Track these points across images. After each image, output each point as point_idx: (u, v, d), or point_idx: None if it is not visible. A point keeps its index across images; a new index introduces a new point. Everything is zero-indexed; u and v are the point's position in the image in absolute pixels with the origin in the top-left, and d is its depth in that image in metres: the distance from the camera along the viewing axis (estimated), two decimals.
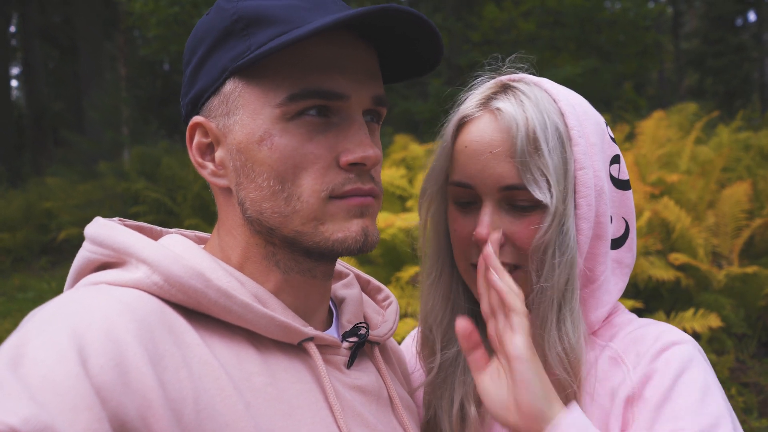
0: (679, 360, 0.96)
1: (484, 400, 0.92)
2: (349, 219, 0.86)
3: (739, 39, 17.47)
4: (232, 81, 0.85)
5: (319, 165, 0.84)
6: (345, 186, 0.85)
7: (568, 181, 1.00)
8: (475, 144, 1.03)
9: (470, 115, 1.07)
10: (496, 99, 1.05)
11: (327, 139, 0.85)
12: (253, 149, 0.84)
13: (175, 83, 14.87)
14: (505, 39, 10.30)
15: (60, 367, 0.65)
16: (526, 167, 0.98)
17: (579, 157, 1.01)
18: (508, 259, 1.03)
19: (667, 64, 19.68)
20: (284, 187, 0.84)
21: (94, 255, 0.85)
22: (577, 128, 1.02)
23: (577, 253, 1.00)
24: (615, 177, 1.08)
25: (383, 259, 4.80)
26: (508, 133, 1.00)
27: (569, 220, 0.99)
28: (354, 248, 0.86)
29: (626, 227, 1.10)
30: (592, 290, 1.06)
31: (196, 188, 8.62)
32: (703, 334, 3.88)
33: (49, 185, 11.16)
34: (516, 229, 1.01)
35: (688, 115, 7.69)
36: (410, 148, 6.70)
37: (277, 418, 0.80)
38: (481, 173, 1.02)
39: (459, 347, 1.12)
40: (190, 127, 0.90)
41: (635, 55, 10.59)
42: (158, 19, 9.10)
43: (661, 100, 14.49)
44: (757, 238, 4.89)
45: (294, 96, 0.82)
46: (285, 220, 0.85)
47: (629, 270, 1.12)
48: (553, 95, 1.05)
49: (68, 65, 20.97)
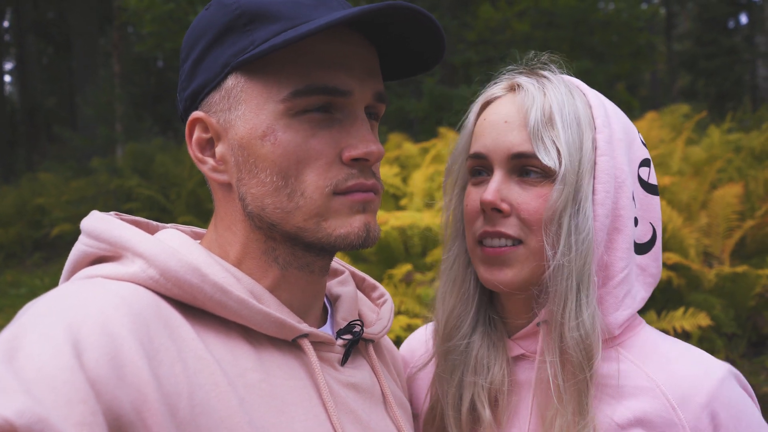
0: (734, 402, 0.97)
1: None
2: (351, 215, 0.86)
3: (731, 41, 17.56)
4: (234, 76, 0.85)
5: (322, 161, 0.84)
6: (348, 181, 0.85)
7: (583, 160, 1.00)
8: (493, 116, 1.07)
9: (494, 95, 1.10)
10: (519, 79, 1.08)
11: (330, 135, 0.85)
12: (255, 144, 0.84)
13: (170, 80, 14.82)
14: (500, 39, 10.31)
15: (55, 360, 0.65)
16: (537, 136, 1.00)
17: (601, 144, 1.02)
18: (512, 232, 1.02)
19: (659, 66, 19.76)
20: (287, 183, 0.84)
21: (90, 249, 0.85)
22: (602, 118, 1.04)
23: (593, 237, 0.99)
24: (644, 180, 1.08)
25: (377, 256, 4.81)
26: (524, 106, 1.03)
27: (586, 200, 0.99)
28: (356, 243, 0.87)
29: (653, 234, 1.09)
30: (610, 288, 1.03)
31: (191, 185, 8.60)
32: (693, 333, 3.91)
33: (42, 181, 11.13)
34: (523, 199, 1.01)
35: (680, 117, 7.73)
36: (404, 146, 6.71)
37: (271, 414, 0.81)
38: (495, 141, 1.04)
39: (471, 338, 1.11)
40: (189, 122, 0.90)
41: (628, 56, 10.63)
42: (153, 15, 9.05)
43: (653, 101, 14.55)
44: (749, 239, 4.93)
45: (298, 92, 0.83)
46: (287, 216, 0.85)
47: (653, 281, 1.09)
48: (584, 90, 1.07)
49: (62, 61, 20.87)
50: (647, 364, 1.01)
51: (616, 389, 1.00)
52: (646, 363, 1.02)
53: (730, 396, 0.97)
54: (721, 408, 0.95)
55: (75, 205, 9.63)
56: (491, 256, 1.04)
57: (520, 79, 1.07)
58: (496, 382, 1.08)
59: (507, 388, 1.08)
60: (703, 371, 0.99)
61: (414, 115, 9.43)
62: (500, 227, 1.02)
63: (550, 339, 1.01)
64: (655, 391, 0.98)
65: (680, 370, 0.99)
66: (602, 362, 1.00)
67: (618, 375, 1.00)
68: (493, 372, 1.08)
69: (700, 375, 0.98)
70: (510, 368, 1.09)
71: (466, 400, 1.09)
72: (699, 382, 0.97)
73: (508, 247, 1.02)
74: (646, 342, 1.05)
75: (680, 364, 1.00)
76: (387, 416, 0.98)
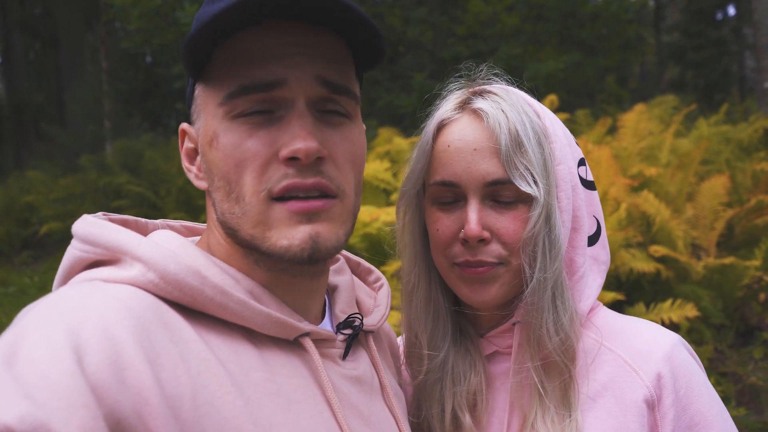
0: (685, 363, 1.05)
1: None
2: (292, 225, 0.82)
3: (719, 33, 17.62)
4: (198, 86, 0.89)
5: (258, 162, 0.81)
6: (281, 182, 0.81)
7: (550, 176, 1.04)
8: (458, 142, 1.06)
9: (449, 117, 1.10)
10: (474, 102, 1.09)
11: (269, 134, 0.82)
12: (207, 151, 0.86)
13: (158, 76, 14.72)
14: (489, 33, 10.31)
15: (55, 364, 0.64)
16: (511, 163, 1.02)
17: (557, 154, 1.06)
18: (493, 258, 1.04)
19: (648, 58, 19.84)
20: (231, 187, 0.83)
21: (85, 254, 0.84)
22: (551, 127, 1.08)
23: (563, 245, 1.05)
24: (583, 178, 1.13)
25: (368, 253, 4.81)
26: (492, 132, 1.03)
27: (555, 213, 1.04)
28: (301, 257, 0.82)
29: (598, 225, 1.15)
30: (574, 282, 1.09)
31: (181, 182, 8.56)
32: (682, 324, 3.95)
33: (30, 179, 11.03)
34: (502, 224, 1.04)
35: (668, 108, 7.77)
36: (395, 141, 6.69)
37: (276, 413, 0.81)
38: (467, 170, 1.04)
39: (446, 352, 1.14)
40: (179, 133, 0.94)
41: (617, 49, 10.65)
42: (140, 11, 8.98)
43: (642, 93, 14.61)
44: (736, 230, 4.98)
45: (232, 94, 0.82)
46: (240, 222, 0.84)
47: (605, 267, 1.16)
48: (527, 100, 1.11)
49: (49, 57, 20.65)
50: (607, 339, 1.08)
51: (583, 367, 1.06)
52: (606, 338, 1.09)
53: (681, 357, 1.05)
54: (675, 367, 1.03)
55: (64, 202, 9.56)
56: (472, 277, 1.06)
57: (478, 102, 1.07)
58: (474, 386, 1.12)
59: (484, 388, 1.12)
60: (655, 338, 1.07)
61: (404, 110, 9.43)
62: (482, 256, 1.04)
63: (529, 346, 1.05)
64: (617, 360, 1.05)
65: (636, 339, 1.08)
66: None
67: (585, 355, 1.07)
68: (470, 379, 1.12)
69: (653, 341, 1.06)
70: (485, 367, 1.14)
71: (448, 411, 1.12)
72: (653, 347, 1.05)
73: (489, 267, 1.05)
74: (605, 321, 1.12)
75: (635, 334, 1.09)
76: (385, 407, 0.99)
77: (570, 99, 8.68)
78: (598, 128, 6.89)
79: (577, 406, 1.02)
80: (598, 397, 1.03)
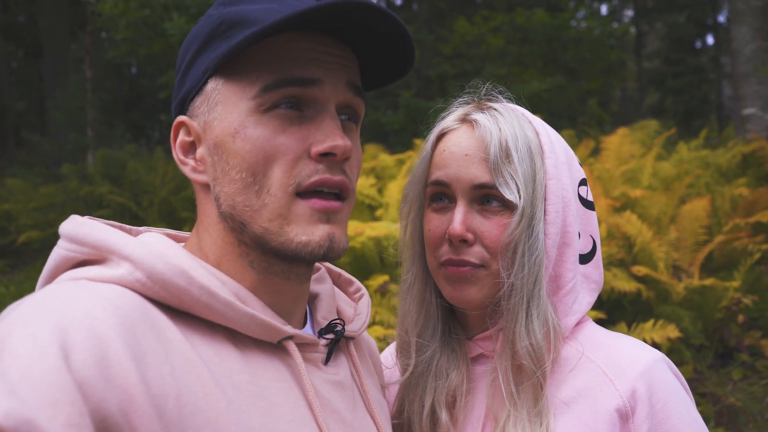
0: (664, 380, 1.07)
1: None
2: (313, 223, 0.86)
3: (698, 61, 18.05)
4: (214, 80, 0.88)
5: (289, 157, 0.85)
6: (312, 177, 0.85)
7: (536, 188, 1.10)
8: (453, 147, 1.15)
9: (449, 127, 1.19)
10: (473, 114, 1.17)
11: (300, 130, 0.86)
12: (228, 142, 0.86)
13: (143, 87, 14.67)
14: (475, 53, 10.44)
15: (42, 361, 0.65)
16: (497, 170, 1.10)
17: (550, 170, 1.13)
18: (475, 259, 1.11)
19: (630, 83, 20.19)
20: (256, 179, 0.85)
21: (72, 253, 0.84)
22: (548, 145, 1.14)
23: (545, 255, 1.09)
24: (583, 197, 1.20)
25: (352, 267, 4.81)
26: (483, 141, 1.12)
27: (539, 224, 1.09)
28: (318, 254, 0.86)
29: (593, 245, 1.21)
30: (561, 297, 1.13)
31: (164, 193, 8.48)
32: (663, 345, 3.98)
33: (10, 187, 10.85)
34: (486, 228, 1.11)
35: (650, 132, 7.90)
36: (380, 157, 6.73)
37: (258, 416, 0.81)
38: (457, 172, 1.13)
39: (433, 350, 1.19)
40: (174, 126, 0.93)
41: (600, 73, 10.85)
42: (128, 21, 8.96)
43: (623, 116, 14.85)
44: (716, 253, 5.05)
45: (268, 86, 0.85)
46: (255, 215, 0.85)
47: (597, 287, 1.21)
48: (529, 118, 1.18)
49: (32, 65, 20.50)
50: (588, 350, 1.12)
51: (561, 373, 1.10)
52: (587, 349, 1.12)
53: (661, 374, 1.07)
54: (652, 383, 1.05)
55: (43, 211, 9.42)
56: (454, 276, 1.13)
57: (476, 114, 1.16)
58: (454, 383, 1.16)
59: (465, 388, 1.16)
60: (637, 354, 1.10)
61: (390, 127, 9.48)
62: (464, 256, 1.11)
63: (503, 349, 1.10)
64: (596, 369, 1.09)
65: (617, 352, 1.11)
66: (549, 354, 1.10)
67: (565, 362, 1.10)
68: (451, 376, 1.17)
69: (634, 355, 1.09)
70: (468, 369, 1.18)
71: (427, 405, 1.16)
72: (633, 361, 1.08)
73: (471, 268, 1.11)
74: (591, 334, 1.16)
75: (618, 348, 1.12)
76: (367, 413, 1.00)
77: (553, 120, 8.78)
78: (581, 150, 6.99)
79: (549, 413, 1.05)
80: (572, 403, 1.06)
